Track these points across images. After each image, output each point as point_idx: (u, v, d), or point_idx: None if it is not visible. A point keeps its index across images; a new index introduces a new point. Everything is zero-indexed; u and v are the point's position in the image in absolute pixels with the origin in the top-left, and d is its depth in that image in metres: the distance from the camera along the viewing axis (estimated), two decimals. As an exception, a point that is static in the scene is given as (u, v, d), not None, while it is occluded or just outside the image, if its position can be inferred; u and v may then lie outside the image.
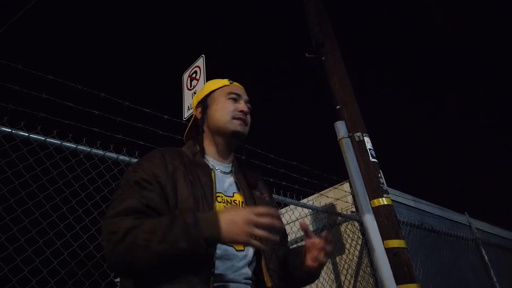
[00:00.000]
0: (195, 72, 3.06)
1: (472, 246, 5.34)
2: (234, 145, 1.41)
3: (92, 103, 2.05)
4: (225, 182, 1.31)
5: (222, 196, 1.24)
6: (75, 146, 1.96)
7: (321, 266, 1.23)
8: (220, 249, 1.13)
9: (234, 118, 1.34)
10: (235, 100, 1.39)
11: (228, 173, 1.36)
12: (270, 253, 1.23)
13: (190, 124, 1.49)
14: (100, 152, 2.05)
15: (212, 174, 1.26)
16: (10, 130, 1.76)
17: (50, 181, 1.84)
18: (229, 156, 1.40)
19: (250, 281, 1.17)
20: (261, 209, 1.05)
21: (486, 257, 5.36)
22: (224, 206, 1.22)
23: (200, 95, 1.47)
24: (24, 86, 1.80)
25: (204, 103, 1.43)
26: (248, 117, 1.40)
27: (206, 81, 2.90)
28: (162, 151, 1.28)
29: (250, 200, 1.30)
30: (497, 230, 6.59)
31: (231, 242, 1.03)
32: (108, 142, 2.08)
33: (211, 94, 1.43)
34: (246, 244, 1.03)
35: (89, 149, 2.01)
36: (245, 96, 1.43)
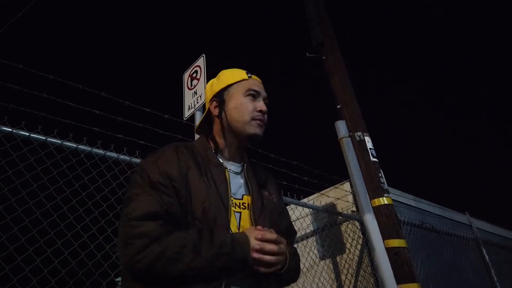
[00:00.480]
0: (196, 71, 3.06)
1: (473, 245, 5.34)
2: (246, 146, 1.38)
3: (93, 102, 2.05)
4: (236, 183, 1.28)
5: (232, 199, 1.23)
6: (75, 145, 1.96)
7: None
8: None
9: (253, 119, 1.29)
10: (254, 97, 1.33)
11: (238, 174, 1.33)
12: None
13: (203, 116, 1.43)
14: (101, 151, 2.05)
15: (227, 174, 1.24)
16: (10, 130, 1.76)
17: (50, 181, 1.84)
18: (241, 155, 1.36)
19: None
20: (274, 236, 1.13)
21: (487, 257, 5.35)
22: (233, 210, 1.21)
23: (216, 87, 1.38)
24: (25, 86, 1.80)
25: (220, 97, 1.35)
26: (266, 117, 1.34)
27: (206, 81, 2.90)
28: (176, 148, 1.25)
29: (258, 200, 1.28)
30: (497, 229, 6.59)
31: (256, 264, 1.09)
32: (108, 141, 2.09)
33: (228, 88, 1.35)
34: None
35: (90, 149, 2.01)
36: (263, 93, 1.36)
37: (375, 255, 2.87)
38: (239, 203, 1.24)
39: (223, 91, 1.36)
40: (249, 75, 1.38)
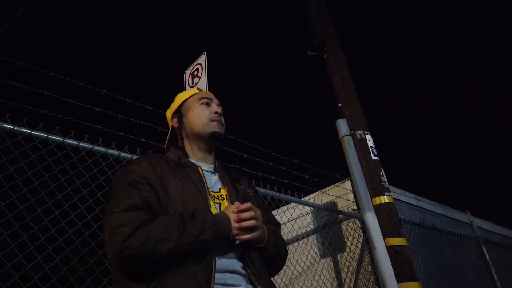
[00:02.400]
0: (197, 69, 3.06)
1: (473, 244, 5.33)
2: (214, 146, 1.48)
3: (94, 100, 2.05)
4: (210, 179, 1.37)
5: (210, 192, 1.30)
6: (77, 143, 1.96)
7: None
8: None
9: (211, 120, 1.42)
10: (208, 104, 1.47)
11: (212, 172, 1.42)
12: (254, 252, 1.25)
13: (168, 134, 1.55)
14: (102, 149, 2.06)
15: (200, 171, 1.33)
16: (12, 127, 1.76)
17: (52, 178, 1.84)
18: (211, 156, 1.47)
19: (243, 270, 1.19)
20: (244, 205, 1.21)
21: (487, 256, 5.35)
22: (212, 201, 1.28)
23: (173, 107, 1.55)
24: (26, 83, 1.80)
25: (179, 113, 1.50)
26: (223, 118, 1.48)
27: (208, 79, 2.90)
28: (148, 156, 1.34)
29: (233, 193, 1.35)
30: (498, 228, 6.58)
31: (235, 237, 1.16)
32: (110, 139, 2.09)
33: (184, 104, 1.51)
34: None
35: (91, 146, 2.01)
36: (216, 100, 1.51)
37: (376, 254, 2.88)
38: (217, 195, 1.33)
39: (180, 107, 1.52)
40: (199, 89, 1.56)
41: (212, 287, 1.05)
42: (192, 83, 3.05)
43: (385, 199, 3.05)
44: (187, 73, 3.16)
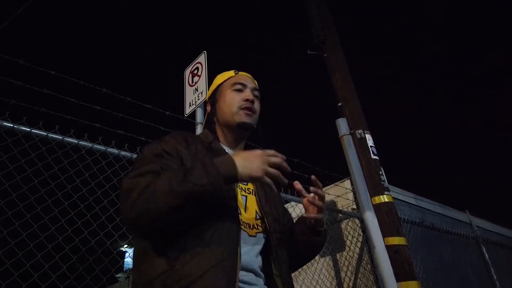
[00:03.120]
0: (197, 68, 3.06)
1: (473, 244, 5.34)
2: (243, 136, 1.42)
3: (94, 98, 2.05)
4: None
5: (238, 183, 1.25)
6: (76, 141, 1.96)
7: (318, 221, 1.30)
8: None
9: (240, 108, 1.34)
10: (241, 90, 1.39)
11: None
12: (279, 240, 1.23)
13: (205, 118, 1.51)
14: (102, 147, 2.05)
15: None
16: (12, 125, 1.76)
17: (51, 176, 1.84)
18: (239, 147, 1.41)
19: (261, 272, 1.17)
20: (271, 151, 1.10)
21: (487, 255, 5.36)
22: (240, 192, 1.24)
23: (210, 90, 1.49)
24: (26, 82, 1.80)
25: (213, 98, 1.45)
26: (256, 105, 1.39)
27: (208, 78, 2.90)
28: (185, 133, 1.28)
29: (261, 189, 1.31)
30: (497, 228, 6.59)
31: (247, 178, 1.05)
32: (109, 137, 2.09)
33: (218, 88, 1.45)
34: (260, 180, 1.05)
35: (91, 145, 2.01)
36: (251, 84, 1.42)
37: (375, 253, 2.88)
38: (245, 188, 1.28)
39: (215, 92, 1.46)
40: (236, 72, 1.46)
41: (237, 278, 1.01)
42: (192, 82, 3.05)
43: (384, 198, 3.05)
44: (187, 72, 3.16)
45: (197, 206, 1.01)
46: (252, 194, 1.28)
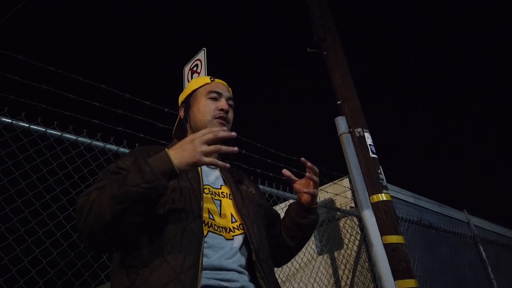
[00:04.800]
0: (196, 65, 3.06)
1: (470, 243, 5.36)
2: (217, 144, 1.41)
3: (93, 95, 2.05)
4: (211, 175, 1.33)
5: (209, 188, 1.26)
6: (75, 137, 1.96)
7: (314, 198, 1.37)
8: (210, 238, 1.14)
9: (214, 117, 1.35)
10: (216, 99, 1.39)
11: (214, 168, 1.37)
12: (260, 241, 1.23)
13: (176, 123, 1.50)
14: (100, 144, 2.05)
15: (199, 168, 1.27)
16: (10, 121, 1.76)
17: (50, 172, 1.84)
18: (214, 155, 1.39)
19: (245, 270, 1.17)
20: (203, 130, 1.07)
21: (484, 254, 5.38)
22: (212, 197, 1.24)
23: (184, 94, 1.49)
24: (25, 77, 1.79)
25: (187, 103, 1.45)
26: (230, 115, 1.40)
27: (207, 75, 2.90)
28: (147, 147, 1.30)
29: (237, 193, 1.31)
30: (495, 227, 6.61)
31: (186, 166, 1.03)
32: (108, 134, 2.09)
33: (193, 93, 1.44)
34: (202, 163, 1.03)
35: (89, 141, 2.01)
36: (226, 93, 1.43)
37: (373, 251, 2.88)
38: (218, 192, 1.28)
39: (189, 97, 1.45)
40: (212, 79, 1.46)
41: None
42: (191, 79, 3.04)
43: (383, 197, 3.05)
44: (186, 69, 3.16)
45: (139, 207, 1.01)
46: (227, 197, 1.28)
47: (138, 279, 1.01)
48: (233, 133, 1.09)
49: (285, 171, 1.32)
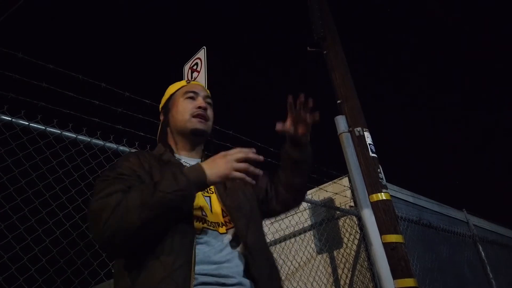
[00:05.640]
0: (196, 64, 3.05)
1: (469, 242, 5.36)
2: (199, 142, 1.43)
3: (93, 93, 2.05)
4: None
5: None
6: (75, 136, 1.96)
7: (308, 132, 1.34)
8: (205, 234, 1.15)
9: (193, 116, 1.37)
10: (193, 98, 1.41)
11: None
12: (246, 229, 1.24)
13: (159, 128, 1.52)
14: (100, 142, 2.05)
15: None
16: (10, 119, 1.76)
17: (50, 170, 1.84)
18: (197, 151, 1.43)
19: (240, 263, 1.17)
20: (235, 149, 1.15)
21: (483, 254, 5.38)
22: (202, 194, 1.25)
23: (163, 100, 1.52)
24: (25, 75, 1.79)
25: (166, 108, 1.47)
26: (209, 112, 1.42)
27: (207, 73, 2.90)
28: (136, 153, 1.32)
29: (220, 186, 1.32)
30: (494, 227, 6.62)
31: (217, 179, 1.11)
32: (108, 132, 2.09)
33: (171, 97, 1.47)
34: (231, 177, 1.11)
35: (89, 139, 2.01)
36: (203, 92, 1.45)
37: (372, 250, 2.89)
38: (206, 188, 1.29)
39: (167, 101, 1.48)
40: (188, 81, 1.51)
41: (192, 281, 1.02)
42: (191, 78, 3.04)
43: (382, 196, 3.06)
44: (186, 67, 3.15)
45: (171, 215, 1.05)
46: (214, 193, 1.30)
47: (138, 280, 1.03)
48: (261, 157, 1.17)
49: (289, 98, 1.30)
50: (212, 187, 1.31)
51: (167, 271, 1.02)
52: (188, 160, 1.37)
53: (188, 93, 1.42)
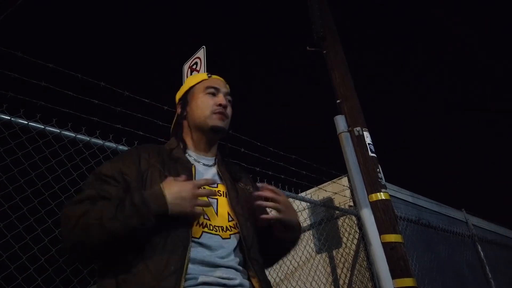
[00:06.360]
0: (196, 63, 3.05)
1: (468, 242, 5.37)
2: (215, 140, 1.42)
3: (92, 92, 2.04)
4: (207, 174, 1.33)
5: (205, 188, 1.25)
6: (74, 135, 1.96)
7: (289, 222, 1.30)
8: (205, 238, 1.14)
9: (213, 113, 1.35)
10: (214, 94, 1.39)
11: (211, 166, 1.37)
12: (252, 240, 1.24)
13: (174, 120, 1.49)
14: (99, 141, 2.05)
15: (193, 169, 1.27)
16: (9, 118, 1.76)
17: (49, 170, 1.84)
18: (212, 149, 1.41)
19: (242, 268, 1.18)
20: (201, 181, 1.17)
21: (482, 253, 5.39)
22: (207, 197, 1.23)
23: (181, 92, 1.48)
24: (24, 74, 1.79)
25: (184, 99, 1.44)
26: (228, 110, 1.40)
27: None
28: (140, 148, 1.30)
29: (233, 191, 1.31)
30: (493, 226, 6.62)
31: (177, 214, 1.08)
32: (107, 131, 2.08)
33: (190, 90, 1.43)
34: (190, 214, 1.10)
35: (88, 139, 2.01)
36: (224, 89, 1.42)
37: (371, 250, 2.89)
38: (215, 190, 1.28)
39: (186, 93, 1.44)
40: (209, 75, 1.46)
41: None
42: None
43: (381, 196, 3.06)
44: (186, 67, 3.15)
45: (127, 240, 1.05)
46: (223, 196, 1.28)
47: (122, 285, 1.02)
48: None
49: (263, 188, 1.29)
50: (221, 189, 1.30)
51: (156, 280, 1.00)
52: (199, 158, 1.35)
53: (209, 89, 1.39)
